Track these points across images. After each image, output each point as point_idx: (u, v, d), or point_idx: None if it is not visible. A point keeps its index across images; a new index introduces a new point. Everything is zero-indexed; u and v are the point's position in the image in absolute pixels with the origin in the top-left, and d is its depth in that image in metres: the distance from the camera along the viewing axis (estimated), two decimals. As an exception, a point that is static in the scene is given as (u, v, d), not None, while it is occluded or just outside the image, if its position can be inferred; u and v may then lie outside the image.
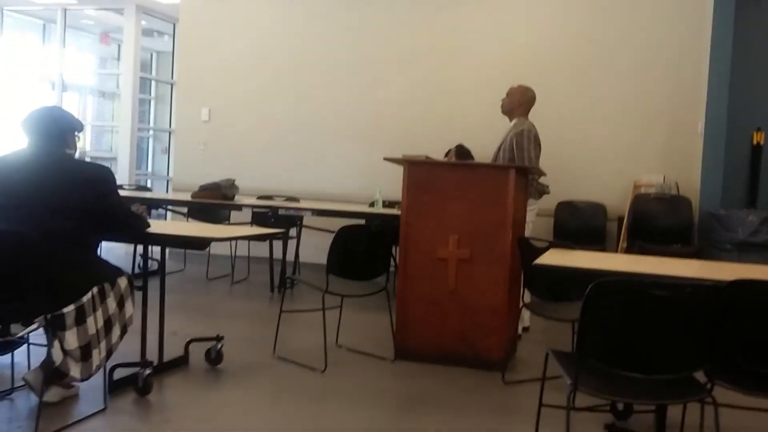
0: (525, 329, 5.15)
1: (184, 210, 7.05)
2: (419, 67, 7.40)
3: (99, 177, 3.12)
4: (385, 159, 4.64)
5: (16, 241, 2.77)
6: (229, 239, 3.50)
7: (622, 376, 2.47)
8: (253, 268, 7.11)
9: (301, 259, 6.81)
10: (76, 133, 3.23)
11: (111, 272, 3.18)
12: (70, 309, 2.87)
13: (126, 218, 3.25)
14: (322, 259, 4.21)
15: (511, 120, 5.25)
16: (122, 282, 3.20)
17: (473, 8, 7.27)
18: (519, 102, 5.21)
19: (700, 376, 2.59)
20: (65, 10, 9.80)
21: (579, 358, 2.47)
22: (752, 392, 2.52)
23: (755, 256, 5.58)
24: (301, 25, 7.82)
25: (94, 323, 2.98)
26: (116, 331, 3.17)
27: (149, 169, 11.38)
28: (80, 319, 2.91)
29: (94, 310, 2.99)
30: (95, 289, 3.00)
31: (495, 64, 7.08)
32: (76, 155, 3.30)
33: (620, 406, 3.37)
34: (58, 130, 3.15)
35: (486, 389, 3.94)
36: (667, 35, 6.69)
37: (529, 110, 5.24)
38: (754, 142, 6.35)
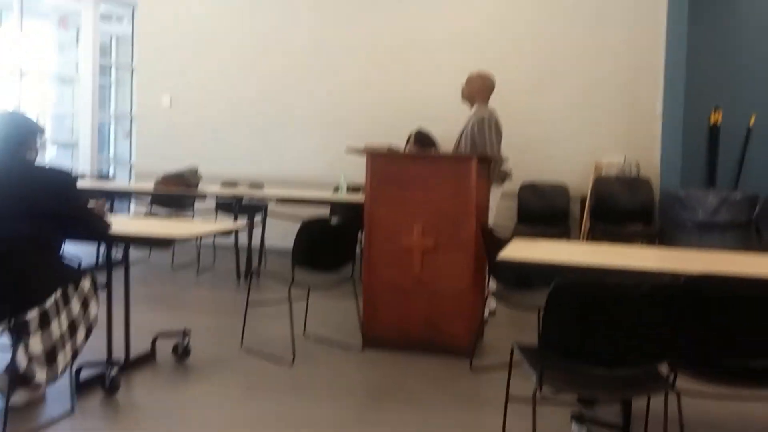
0: (491, 313, 5.21)
1: (148, 199, 6.96)
2: (381, 52, 7.40)
3: (60, 181, 3.08)
4: (347, 150, 4.64)
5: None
6: (193, 237, 3.48)
7: (586, 371, 2.52)
8: (219, 256, 7.08)
9: (267, 244, 6.80)
10: (37, 137, 3.17)
11: (74, 274, 3.15)
12: (33, 314, 2.85)
13: (88, 221, 3.22)
14: (288, 244, 4.21)
15: (471, 107, 5.27)
16: (86, 283, 3.17)
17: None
18: (478, 89, 5.24)
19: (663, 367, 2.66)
20: (22, -4, 9.56)
21: (543, 355, 2.52)
22: (713, 382, 2.58)
23: (715, 235, 5.70)
24: (263, 10, 7.74)
25: (58, 327, 2.96)
26: (81, 333, 3.15)
27: (111, 153, 11.20)
28: (44, 323, 2.89)
29: (58, 313, 2.97)
30: (58, 292, 2.98)
31: (456, 49, 7.10)
32: (38, 159, 3.25)
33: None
34: (18, 135, 3.10)
35: (454, 378, 3.98)
36: (624, 17, 6.77)
37: (489, 97, 5.27)
38: (712, 121, 6.45)
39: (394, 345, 4.33)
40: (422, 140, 6.41)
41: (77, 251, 4.24)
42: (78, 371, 3.44)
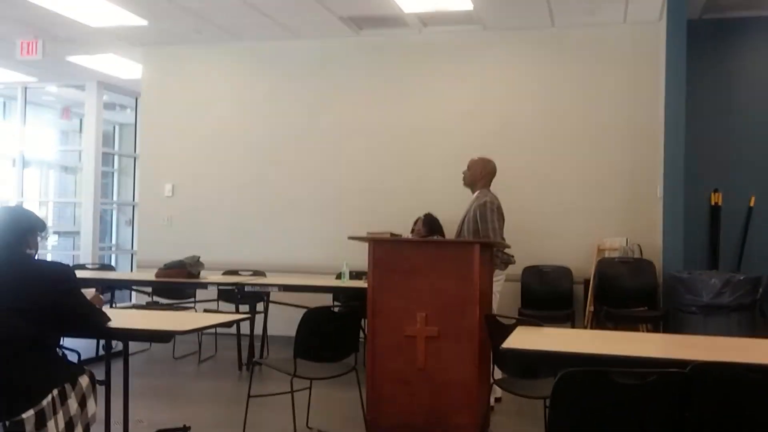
0: (497, 399, 5.11)
1: (149, 289, 6.94)
2: (384, 139, 7.51)
3: (59, 277, 3.07)
4: (350, 238, 4.65)
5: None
6: (193, 331, 3.45)
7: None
8: (220, 344, 6.99)
9: (270, 332, 6.73)
10: (38, 233, 3.18)
11: (71, 371, 3.10)
12: (29, 414, 2.78)
13: (87, 315, 3.19)
14: (291, 331, 4.14)
15: (473, 192, 5.31)
16: (83, 380, 3.11)
17: (435, 82, 7.45)
18: (480, 174, 5.29)
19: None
20: (26, 88, 9.78)
21: (550, 449, 2.46)
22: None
23: (720, 317, 5.64)
24: (264, 100, 7.91)
25: (54, 426, 2.89)
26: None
27: (113, 241, 11.24)
28: (40, 423, 2.82)
29: (55, 413, 2.90)
30: (55, 391, 2.92)
31: (457, 134, 7.22)
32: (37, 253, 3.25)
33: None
34: (18, 230, 3.11)
35: (460, 469, 3.89)
36: (624, 104, 6.92)
37: (490, 181, 5.32)
38: (712, 202, 6.48)
39: (399, 436, 4.24)
40: (431, 224, 6.46)
41: (76, 344, 4.20)
42: (75, 470, 3.35)
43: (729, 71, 6.65)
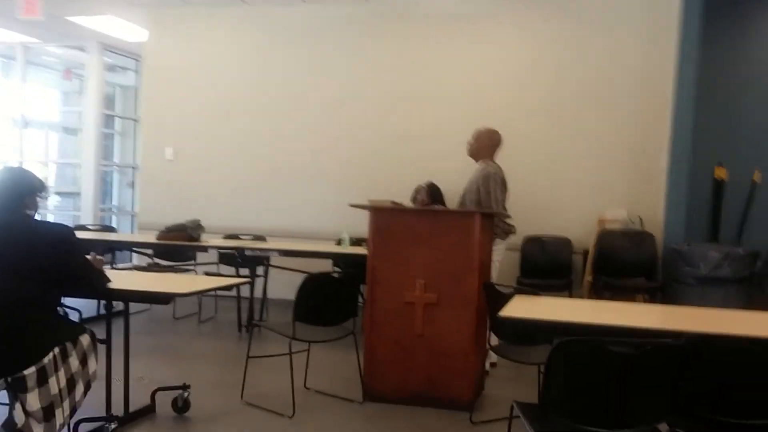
0: (492, 364, 5.16)
1: (150, 251, 6.98)
2: (388, 105, 7.48)
3: (60, 237, 3.08)
4: (351, 205, 4.67)
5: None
6: (193, 294, 3.48)
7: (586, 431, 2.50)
8: (220, 305, 7.05)
9: (270, 295, 6.78)
10: (37, 194, 3.19)
11: (73, 330, 3.13)
12: (31, 371, 2.82)
13: (88, 276, 3.22)
14: (290, 295, 4.18)
15: (477, 162, 5.31)
16: (84, 339, 3.15)
17: (441, 50, 7.38)
18: (485, 144, 5.29)
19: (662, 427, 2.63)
20: (26, 47, 9.71)
21: (543, 414, 2.50)
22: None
23: (717, 290, 5.68)
24: (267, 64, 7.86)
25: (56, 383, 2.93)
26: (80, 388, 3.12)
27: (114, 202, 11.26)
28: (42, 380, 2.86)
29: (56, 370, 2.94)
30: (57, 349, 2.95)
31: (462, 105, 7.17)
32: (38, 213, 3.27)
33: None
34: (17, 191, 3.12)
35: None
36: (632, 75, 6.85)
37: (495, 152, 5.32)
38: (716, 176, 6.47)
39: (395, 399, 4.30)
40: (433, 193, 6.47)
41: (77, 303, 4.24)
42: (77, 426, 3.42)
43: (737, 46, 6.59)
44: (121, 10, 8.05)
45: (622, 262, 6.38)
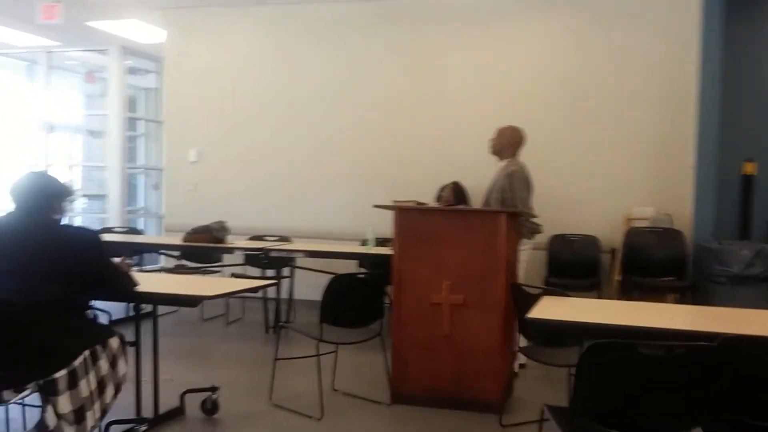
0: (522, 366, 5.12)
1: (177, 253, 7.02)
2: (411, 105, 7.44)
3: (86, 242, 3.12)
4: (375, 206, 4.66)
5: (2, 310, 2.78)
6: (220, 296, 3.49)
7: (618, 436, 2.47)
8: (248, 307, 7.06)
9: (296, 296, 6.79)
10: (63, 198, 3.22)
11: (102, 333, 3.17)
12: (62, 374, 2.86)
13: (115, 280, 3.24)
14: (316, 295, 4.19)
15: (501, 160, 5.27)
16: (114, 342, 3.18)
17: (463, 48, 7.33)
18: (508, 143, 5.25)
19: None
20: (49, 52, 9.83)
21: (574, 419, 2.47)
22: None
23: (750, 289, 5.59)
24: (291, 65, 7.86)
25: (87, 386, 2.97)
26: (110, 391, 3.15)
27: (141, 203, 11.36)
28: (73, 383, 2.90)
29: (87, 372, 2.98)
30: (87, 352, 2.99)
31: (486, 102, 7.12)
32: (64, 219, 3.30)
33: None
34: (45, 196, 3.15)
35: (483, 435, 3.93)
36: (657, 69, 6.75)
37: (518, 150, 5.28)
38: (746, 172, 6.37)
39: (423, 401, 4.28)
40: (458, 192, 6.44)
41: (106, 305, 4.27)
42: (107, 428, 3.45)
43: (764, 37, 6.47)
44: (140, 13, 8.10)
45: (651, 261, 6.29)
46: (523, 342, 4.47)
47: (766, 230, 6.29)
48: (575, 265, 6.71)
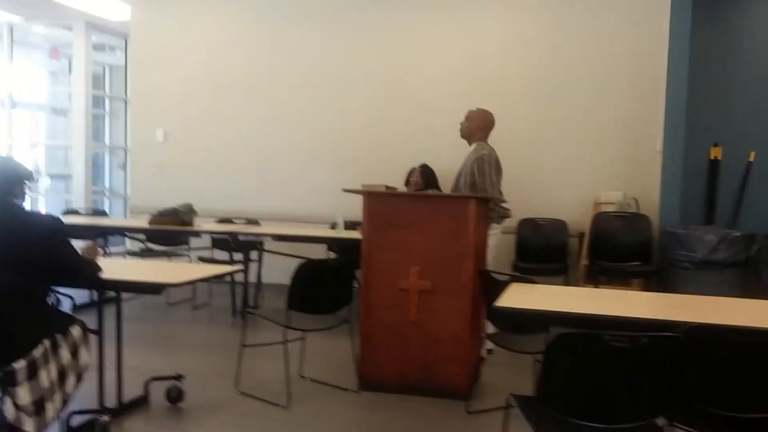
0: (489, 351, 5.14)
1: (143, 236, 6.92)
2: (380, 89, 7.39)
3: (48, 228, 3.03)
4: (344, 190, 4.62)
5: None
6: (185, 284, 3.44)
7: (583, 427, 2.48)
8: (215, 291, 7.00)
9: (264, 280, 6.73)
10: (25, 182, 3.13)
11: (63, 322, 3.09)
12: (21, 364, 2.79)
13: (78, 267, 3.16)
14: (285, 279, 4.14)
15: (470, 144, 5.25)
16: (75, 331, 3.12)
17: (432, 29, 7.28)
18: (478, 126, 5.23)
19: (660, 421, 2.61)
20: (11, 26, 9.57)
21: (539, 408, 2.47)
22: (712, 434, 2.55)
23: (714, 274, 5.66)
24: (258, 44, 7.74)
25: (47, 376, 2.90)
26: (71, 380, 3.09)
27: (106, 184, 11.15)
28: (32, 373, 2.83)
29: (47, 362, 2.91)
30: (47, 342, 2.92)
31: (457, 87, 7.09)
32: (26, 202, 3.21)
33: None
34: (4, 180, 3.06)
35: (450, 421, 3.93)
36: (625, 54, 6.78)
37: (488, 134, 5.26)
38: (712, 157, 6.43)
39: (391, 388, 4.28)
40: (427, 175, 6.41)
41: (69, 290, 4.20)
42: (69, 418, 3.39)
43: (731, 24, 6.51)
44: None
45: (618, 246, 6.34)
46: (490, 328, 4.48)
47: (730, 215, 6.37)
48: (543, 250, 6.75)
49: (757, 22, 6.49)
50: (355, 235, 5.51)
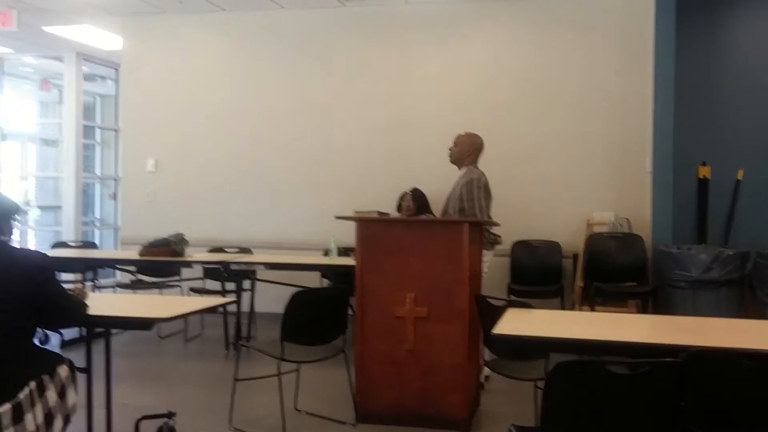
0: (487, 377, 5.08)
1: (133, 268, 6.84)
2: (370, 115, 7.39)
3: (34, 265, 2.95)
4: (337, 217, 4.57)
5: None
6: (175, 318, 3.36)
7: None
8: (207, 321, 6.89)
9: (258, 309, 6.65)
10: (12, 217, 3.06)
11: (49, 361, 3.00)
12: (5, 408, 2.70)
13: (64, 304, 3.08)
14: (279, 308, 4.07)
15: (459, 168, 5.22)
16: (62, 371, 3.02)
17: (425, 56, 7.31)
18: (468, 151, 5.20)
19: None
20: (2, 58, 9.54)
21: (542, 441, 2.42)
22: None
23: (709, 293, 5.62)
24: (248, 73, 7.73)
25: (33, 420, 2.81)
26: (58, 423, 2.99)
27: (97, 214, 11.07)
28: (17, 417, 2.74)
29: (33, 405, 2.82)
30: (33, 383, 2.83)
31: (447, 111, 7.09)
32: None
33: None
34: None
35: (450, 452, 3.86)
36: (612, 78, 6.83)
37: (478, 158, 5.24)
38: (700, 176, 6.42)
39: (389, 419, 4.20)
40: (419, 199, 6.36)
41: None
42: (57, 461, 3.29)
43: (717, 43, 6.53)
44: (97, 19, 7.89)
45: (612, 266, 6.30)
46: (488, 355, 4.42)
47: (722, 234, 6.35)
48: (538, 272, 6.70)
49: (744, 42, 6.52)
50: (349, 261, 5.46)
